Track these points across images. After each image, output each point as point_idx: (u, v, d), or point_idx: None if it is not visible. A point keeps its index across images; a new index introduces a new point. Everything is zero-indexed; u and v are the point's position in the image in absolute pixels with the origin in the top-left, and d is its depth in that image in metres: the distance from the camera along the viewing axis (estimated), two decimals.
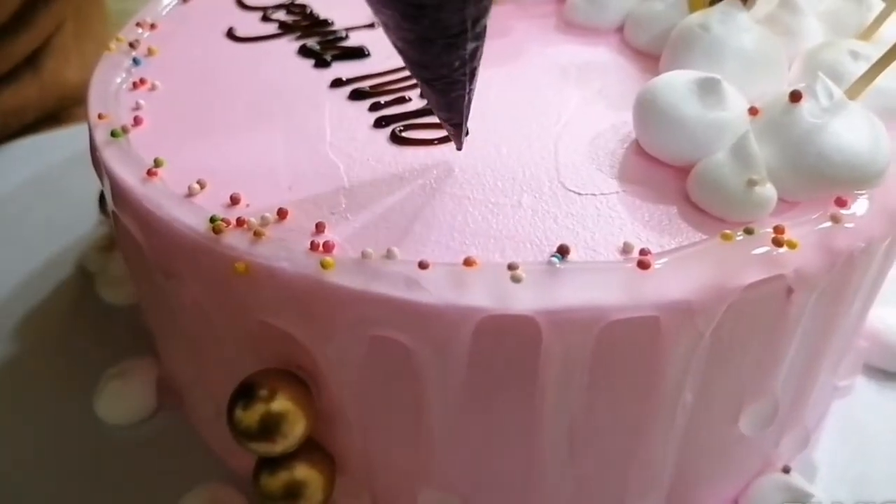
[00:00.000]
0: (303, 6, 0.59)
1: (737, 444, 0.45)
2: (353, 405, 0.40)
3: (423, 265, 0.36)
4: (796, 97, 0.40)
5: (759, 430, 0.44)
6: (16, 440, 0.54)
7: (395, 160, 0.43)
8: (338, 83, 0.50)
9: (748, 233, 0.38)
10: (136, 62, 0.52)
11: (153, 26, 0.56)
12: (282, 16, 0.58)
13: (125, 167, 0.43)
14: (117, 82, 0.50)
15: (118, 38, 0.54)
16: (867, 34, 0.49)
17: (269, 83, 0.50)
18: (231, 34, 0.56)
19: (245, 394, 0.39)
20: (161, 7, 0.58)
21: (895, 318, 0.58)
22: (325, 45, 0.54)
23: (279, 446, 0.39)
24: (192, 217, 0.40)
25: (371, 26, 0.56)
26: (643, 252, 0.37)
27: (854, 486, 0.51)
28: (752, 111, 0.42)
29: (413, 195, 0.41)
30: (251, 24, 0.57)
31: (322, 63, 0.52)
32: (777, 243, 0.38)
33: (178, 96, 0.49)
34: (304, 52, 0.53)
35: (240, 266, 0.37)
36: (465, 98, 0.40)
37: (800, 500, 0.48)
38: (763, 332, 0.40)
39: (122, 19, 0.58)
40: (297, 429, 0.39)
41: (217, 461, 0.51)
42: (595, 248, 0.38)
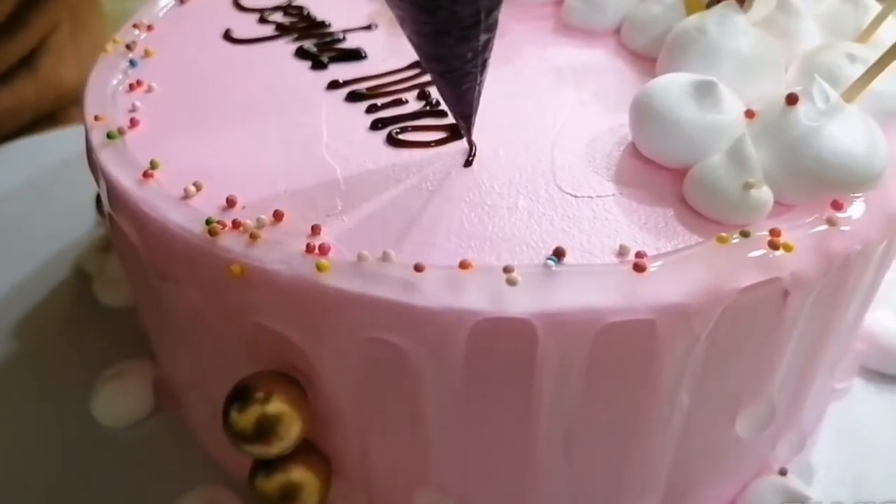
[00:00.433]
0: (300, 8, 0.59)
1: (733, 447, 0.45)
2: (349, 407, 0.40)
3: (418, 268, 0.36)
4: (793, 100, 0.40)
5: (756, 432, 0.44)
6: (12, 441, 0.54)
7: (392, 162, 0.43)
8: (334, 85, 0.50)
9: (744, 236, 0.38)
10: (132, 64, 0.52)
11: (150, 28, 0.56)
12: (279, 17, 0.58)
13: (121, 169, 0.43)
14: (114, 84, 0.50)
15: (115, 40, 0.54)
16: (864, 37, 0.49)
17: (265, 85, 0.50)
18: (228, 36, 0.55)
19: (240, 396, 0.39)
20: (158, 8, 0.58)
21: (892, 320, 0.58)
22: (322, 47, 0.54)
23: (275, 448, 0.39)
24: (187, 219, 0.40)
25: (368, 28, 0.56)
26: (639, 255, 0.37)
27: (851, 489, 0.51)
28: (749, 114, 0.42)
29: (409, 198, 0.41)
30: (248, 26, 0.57)
31: (319, 65, 0.52)
32: (773, 246, 0.37)
33: (175, 98, 0.49)
34: (301, 53, 0.53)
35: (235, 268, 0.37)
36: (476, 90, 0.40)
37: (797, 503, 0.48)
38: (759, 334, 0.40)
39: (119, 19, 0.58)
40: (293, 431, 0.39)
41: (213, 463, 0.51)
42: (591, 250, 0.38)
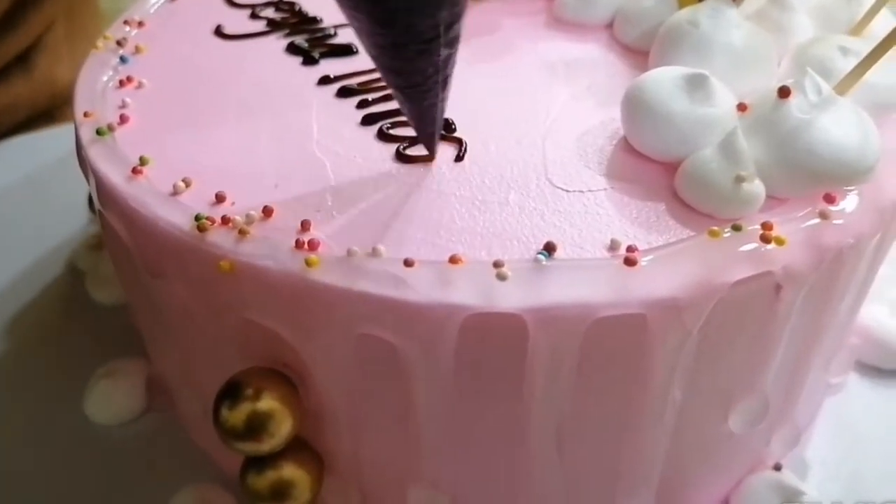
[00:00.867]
0: (291, 3, 0.58)
1: (727, 442, 0.45)
2: (341, 404, 0.40)
3: (408, 263, 0.36)
4: (785, 93, 0.40)
5: (749, 427, 0.44)
6: (4, 439, 0.54)
7: (382, 158, 0.43)
8: (326, 80, 0.50)
9: (736, 229, 0.38)
10: (123, 60, 0.51)
11: (141, 24, 0.56)
12: (270, 13, 0.57)
13: (110, 165, 0.43)
14: (104, 80, 0.50)
15: (105, 37, 0.54)
16: (857, 30, 0.48)
17: (256, 81, 0.50)
18: (219, 32, 0.55)
19: (231, 393, 0.39)
20: (149, 5, 0.58)
21: (887, 315, 0.58)
22: (314, 43, 0.53)
23: (266, 446, 0.39)
24: (177, 215, 0.39)
25: None
26: (630, 249, 0.37)
27: (846, 484, 0.51)
28: (741, 107, 0.41)
29: (399, 193, 0.41)
30: (239, 22, 0.56)
31: (310, 60, 0.52)
32: (765, 240, 0.37)
33: (165, 94, 0.49)
34: (292, 49, 0.53)
35: (224, 264, 0.37)
36: (438, 107, 0.39)
37: (792, 498, 0.47)
38: (751, 329, 0.40)
39: (115, 18, 0.57)
40: (284, 428, 0.39)
41: (206, 461, 0.51)
42: (582, 245, 0.38)
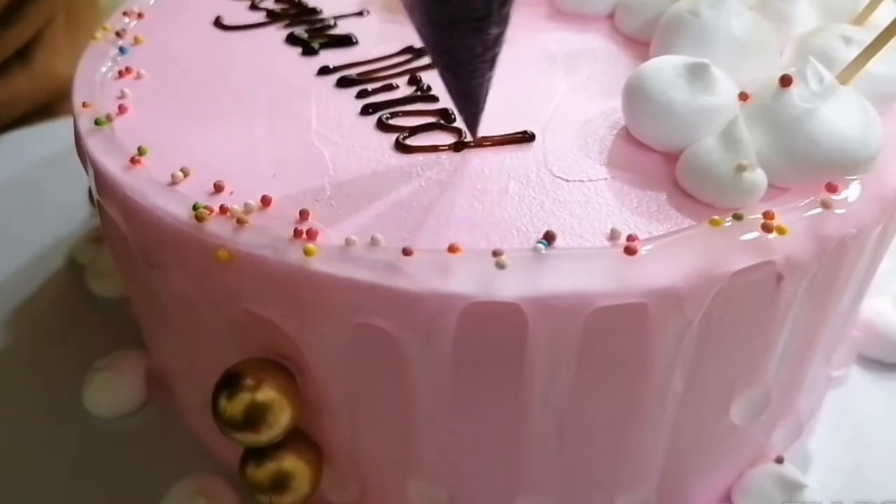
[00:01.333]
0: None
1: (728, 434, 0.45)
2: (339, 394, 0.40)
3: (406, 252, 0.36)
4: (787, 81, 0.40)
5: (751, 419, 0.44)
6: (4, 432, 0.54)
7: (382, 147, 0.43)
8: (325, 71, 0.49)
9: (737, 219, 0.38)
10: (122, 51, 0.51)
11: (140, 15, 0.55)
12: (269, 4, 0.57)
13: (109, 155, 0.43)
14: (103, 71, 0.50)
15: (104, 28, 0.54)
16: (860, 19, 0.48)
17: (255, 71, 0.50)
18: (218, 23, 0.55)
19: (229, 383, 0.38)
20: None
21: (889, 308, 0.57)
22: (313, 34, 0.53)
23: (264, 436, 0.39)
24: (175, 205, 0.39)
25: (360, 14, 0.56)
26: (631, 238, 0.36)
27: (848, 477, 0.50)
28: (743, 96, 0.41)
29: (398, 182, 0.41)
30: (239, 13, 0.56)
31: (309, 51, 0.51)
32: (766, 229, 0.37)
33: (164, 85, 0.49)
34: (292, 40, 0.53)
35: (222, 254, 0.37)
36: (484, 87, 0.39)
37: (793, 491, 0.47)
38: (753, 319, 0.39)
39: (114, 13, 0.57)
40: (283, 418, 0.39)
41: (206, 453, 0.51)
42: (582, 234, 0.37)
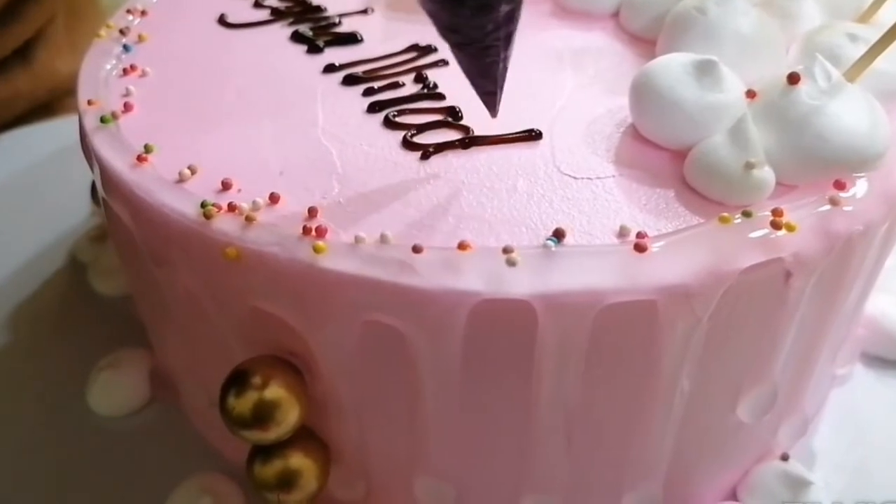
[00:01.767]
0: None
1: (735, 432, 0.45)
2: (347, 392, 0.40)
3: (416, 249, 0.35)
4: (794, 79, 0.40)
5: (758, 416, 0.44)
6: (8, 431, 0.54)
7: (389, 145, 0.43)
8: (330, 69, 0.49)
9: (746, 216, 0.38)
10: (126, 49, 0.51)
11: (144, 13, 0.55)
12: (274, 2, 0.57)
13: (115, 153, 0.43)
14: (107, 69, 0.50)
15: (108, 25, 0.54)
16: (866, 17, 0.48)
17: (260, 69, 0.50)
18: (223, 20, 0.55)
19: (238, 381, 0.38)
20: None
21: (893, 305, 0.58)
22: (318, 31, 0.53)
23: (272, 434, 0.39)
24: (182, 203, 0.39)
25: (364, 12, 0.55)
26: (640, 235, 0.36)
27: (853, 474, 0.51)
28: (750, 94, 0.41)
29: (406, 179, 0.41)
30: (243, 11, 0.56)
31: (315, 49, 0.51)
32: (775, 226, 0.37)
33: (169, 82, 0.49)
34: (297, 38, 0.53)
35: (231, 251, 0.37)
36: (500, 65, 0.38)
37: (799, 488, 0.47)
38: (761, 316, 0.39)
39: (114, 11, 0.57)
40: (291, 416, 0.39)
41: (211, 451, 0.51)
42: (591, 231, 0.37)
